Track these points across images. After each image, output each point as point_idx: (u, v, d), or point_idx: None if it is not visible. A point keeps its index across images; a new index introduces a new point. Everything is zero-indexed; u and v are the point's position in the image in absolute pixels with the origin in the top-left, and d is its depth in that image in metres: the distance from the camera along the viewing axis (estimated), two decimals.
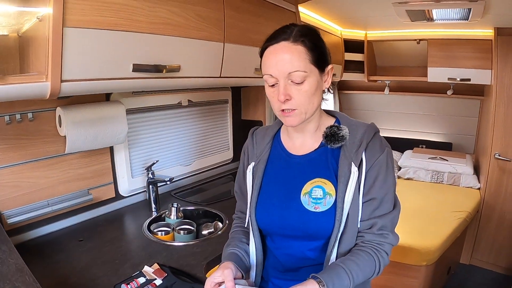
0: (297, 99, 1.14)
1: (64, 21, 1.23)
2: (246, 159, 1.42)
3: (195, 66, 1.89)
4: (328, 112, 1.34)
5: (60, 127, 1.79)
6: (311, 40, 1.16)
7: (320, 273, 1.08)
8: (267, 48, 1.17)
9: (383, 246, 1.18)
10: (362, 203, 1.18)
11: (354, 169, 1.16)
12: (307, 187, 1.21)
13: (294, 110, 1.16)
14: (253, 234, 1.32)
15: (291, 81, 1.14)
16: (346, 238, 1.16)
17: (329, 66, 1.22)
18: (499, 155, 3.68)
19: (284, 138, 1.35)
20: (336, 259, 1.15)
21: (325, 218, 1.16)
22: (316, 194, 1.19)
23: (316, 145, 1.27)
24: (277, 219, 1.25)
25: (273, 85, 1.17)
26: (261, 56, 1.21)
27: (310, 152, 1.27)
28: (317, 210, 1.17)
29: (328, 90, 1.28)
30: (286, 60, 1.12)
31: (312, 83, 1.15)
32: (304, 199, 1.20)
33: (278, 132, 1.38)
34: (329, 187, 1.18)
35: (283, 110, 1.17)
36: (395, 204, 1.23)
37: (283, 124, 1.36)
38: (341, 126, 1.21)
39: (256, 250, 1.32)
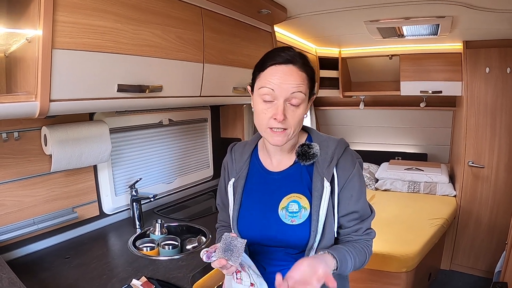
0: (291, 120, 1.21)
1: (53, 43, 1.28)
2: (226, 175, 1.48)
3: (176, 86, 1.94)
4: (302, 128, 1.40)
5: (46, 146, 1.82)
6: (312, 69, 1.26)
7: (333, 250, 1.18)
8: (271, 65, 1.21)
9: (369, 242, 1.30)
10: (342, 216, 1.27)
11: (327, 184, 1.24)
12: (284, 202, 1.28)
13: (285, 130, 1.21)
14: None
15: (289, 102, 1.20)
16: (323, 245, 1.24)
17: (313, 96, 1.31)
18: (473, 163, 3.82)
19: (261, 155, 1.42)
20: None
21: (301, 230, 1.25)
22: (292, 208, 1.27)
23: (291, 162, 1.34)
24: (258, 231, 1.32)
25: (267, 101, 1.21)
26: (259, 71, 1.25)
27: (285, 168, 1.35)
28: (294, 223, 1.26)
29: None
30: (291, 82, 1.18)
31: (304, 108, 1.24)
32: (282, 213, 1.28)
33: (255, 149, 1.45)
34: (304, 201, 1.27)
35: (271, 128, 1.22)
36: (371, 207, 1.34)
37: (259, 140, 1.44)
38: (312, 144, 1.28)
39: None
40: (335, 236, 1.30)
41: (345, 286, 1.39)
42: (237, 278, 1.23)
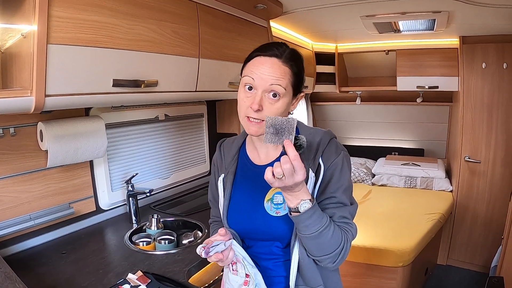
0: (267, 112, 1.21)
1: (48, 38, 1.28)
2: (216, 171, 1.50)
3: (172, 81, 1.95)
4: None
5: (42, 141, 1.82)
6: (298, 66, 1.25)
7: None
8: (257, 56, 1.24)
9: (348, 232, 1.23)
10: (320, 201, 1.25)
11: (311, 174, 1.24)
12: (269, 194, 1.29)
13: (261, 121, 1.22)
14: None
15: (268, 93, 1.20)
16: None
17: (301, 94, 1.31)
18: (469, 158, 3.83)
19: (249, 150, 1.43)
20: (298, 253, 1.23)
21: (285, 221, 1.25)
22: (277, 200, 1.27)
23: (277, 154, 1.34)
24: (246, 224, 1.33)
25: (250, 89, 1.22)
26: (247, 61, 1.27)
27: (272, 161, 1.35)
28: (278, 215, 1.26)
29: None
30: (271, 73, 1.19)
31: (285, 103, 1.23)
32: (267, 205, 1.28)
33: (243, 144, 1.46)
34: None
35: (248, 117, 1.23)
36: (352, 202, 1.30)
37: (247, 135, 1.44)
38: (298, 136, 1.27)
39: None
40: None
41: (334, 279, 1.39)
42: (233, 270, 1.24)
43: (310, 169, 1.24)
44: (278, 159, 1.32)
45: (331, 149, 1.28)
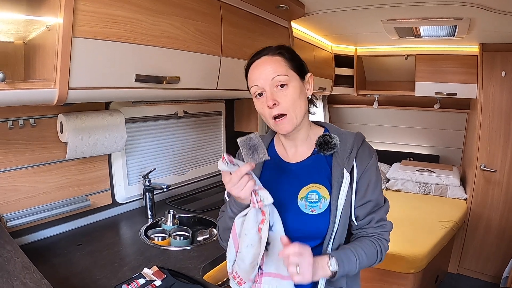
0: (284, 102, 1.23)
1: (73, 31, 1.30)
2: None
3: (194, 78, 1.96)
4: (316, 123, 1.42)
5: (62, 133, 1.85)
6: (288, 52, 1.29)
7: (334, 252, 1.21)
8: (251, 64, 1.30)
9: (383, 235, 1.30)
10: (359, 206, 1.28)
11: (346, 174, 1.25)
12: (303, 192, 1.29)
13: (285, 116, 1.24)
14: None
15: (276, 87, 1.24)
16: (338, 236, 1.25)
17: (308, 74, 1.33)
18: (485, 167, 3.78)
19: (278, 147, 1.43)
20: None
21: (321, 220, 1.25)
22: (312, 198, 1.27)
23: (309, 153, 1.35)
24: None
25: (261, 95, 1.27)
26: (246, 72, 1.33)
27: (303, 159, 1.35)
28: (314, 213, 1.26)
29: (313, 102, 1.38)
30: (268, 69, 1.24)
31: (295, 87, 1.25)
32: (301, 203, 1.28)
33: (271, 142, 1.46)
34: (323, 191, 1.27)
35: (275, 119, 1.25)
36: (384, 199, 1.35)
37: (275, 134, 1.46)
38: (332, 135, 1.30)
39: None
40: (352, 226, 1.30)
41: (355, 281, 1.39)
42: (257, 201, 1.16)
43: (345, 169, 1.26)
44: (309, 158, 1.35)
45: (365, 151, 1.31)
